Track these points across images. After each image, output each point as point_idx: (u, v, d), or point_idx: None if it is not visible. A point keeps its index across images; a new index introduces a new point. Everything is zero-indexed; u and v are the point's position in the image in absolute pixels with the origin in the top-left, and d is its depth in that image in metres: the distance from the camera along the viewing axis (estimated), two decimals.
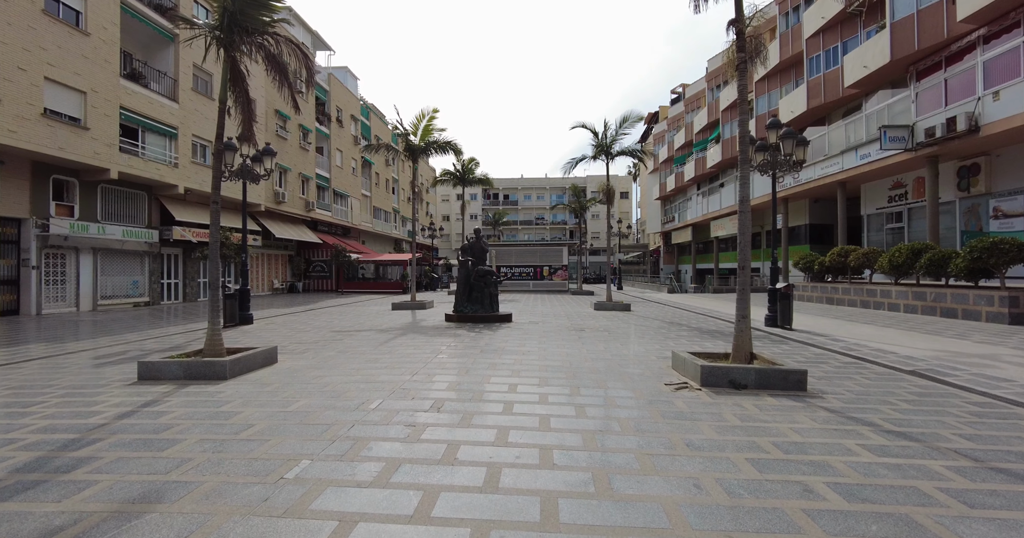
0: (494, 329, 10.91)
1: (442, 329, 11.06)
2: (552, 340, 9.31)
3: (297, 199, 29.02)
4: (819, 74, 22.33)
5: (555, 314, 14.92)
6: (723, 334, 10.54)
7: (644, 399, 5.15)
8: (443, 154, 17.50)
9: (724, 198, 35.09)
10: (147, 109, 18.20)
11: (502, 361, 7.12)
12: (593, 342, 9.09)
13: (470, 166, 26.41)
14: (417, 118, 16.87)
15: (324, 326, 12.04)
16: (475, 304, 12.36)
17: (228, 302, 12.46)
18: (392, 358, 7.41)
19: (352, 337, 9.86)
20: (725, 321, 13.03)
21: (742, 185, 6.30)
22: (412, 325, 11.89)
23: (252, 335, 10.47)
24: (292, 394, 5.32)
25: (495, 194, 73.47)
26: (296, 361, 7.29)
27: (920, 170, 19.04)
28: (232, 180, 13.29)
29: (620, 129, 16.47)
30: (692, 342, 9.29)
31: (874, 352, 8.10)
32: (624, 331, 10.80)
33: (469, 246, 12.68)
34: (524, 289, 30.94)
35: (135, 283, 19.10)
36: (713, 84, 35.44)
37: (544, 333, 10.36)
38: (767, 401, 5.13)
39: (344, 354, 7.83)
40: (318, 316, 14.80)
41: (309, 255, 31.82)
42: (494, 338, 9.55)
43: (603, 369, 6.64)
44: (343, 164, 35.74)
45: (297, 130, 29.35)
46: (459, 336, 9.83)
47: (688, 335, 10.29)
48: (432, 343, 8.87)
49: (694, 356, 6.34)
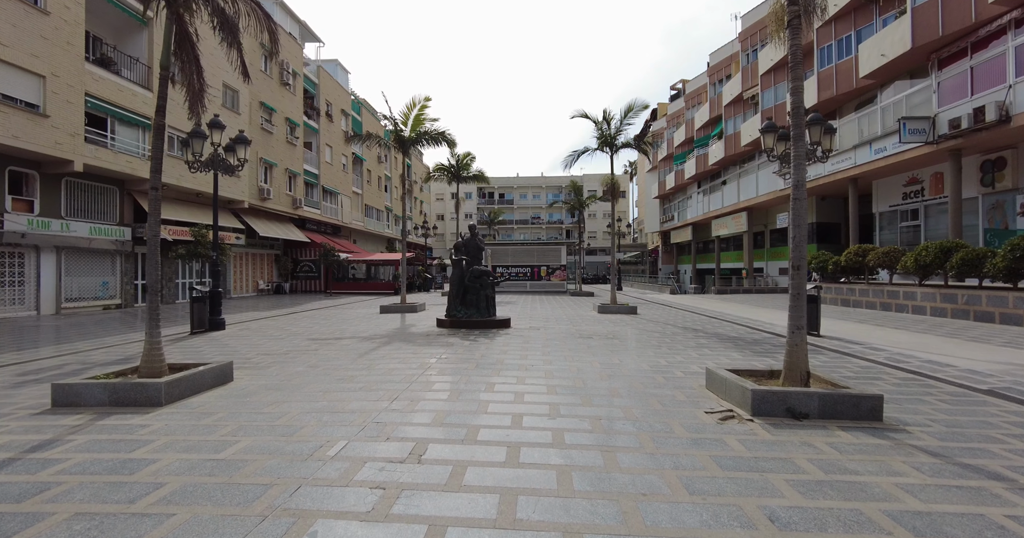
0: (491, 336, 9.75)
1: (433, 336, 9.89)
2: (558, 350, 8.16)
3: (283, 196, 27.75)
4: (830, 65, 21.32)
5: (556, 318, 13.78)
6: (748, 343, 9.43)
7: (686, 437, 4.01)
8: (436, 146, 16.31)
9: (727, 196, 34.10)
10: (117, 97, 16.92)
11: (501, 380, 5.96)
12: (605, 352, 7.95)
13: (465, 161, 25.23)
14: (407, 107, 15.68)
15: (302, 333, 10.84)
16: (470, 308, 11.21)
17: (197, 306, 11.25)
18: (370, 375, 6.24)
19: (329, 347, 8.68)
20: (744, 326, 11.94)
21: (796, 166, 5.17)
22: (399, 332, 10.71)
23: (218, 344, 9.26)
24: (233, 431, 4.14)
25: (491, 193, 72.30)
26: (255, 379, 6.11)
27: (940, 165, 18.06)
28: (203, 171, 12.10)
29: (624, 119, 15.35)
30: (718, 352, 8.17)
31: (928, 365, 7.01)
32: (636, 338, 9.67)
33: (463, 243, 11.52)
34: (521, 290, 29.79)
35: (104, 284, 17.80)
36: (715, 79, 34.43)
37: (547, 341, 9.22)
38: (842, 438, 4.01)
39: (315, 370, 6.65)
40: (298, 321, 13.60)
41: (297, 254, 30.54)
42: (491, 348, 8.40)
43: (624, 390, 5.50)
44: (333, 160, 34.47)
45: (284, 124, 28.08)
46: (451, 345, 8.67)
47: (709, 343, 9.17)
48: (420, 355, 7.70)
49: (736, 375, 5.22)
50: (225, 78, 22.70)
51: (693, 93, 39.27)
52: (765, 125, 11.23)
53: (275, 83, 27.24)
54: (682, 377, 6.23)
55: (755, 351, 8.32)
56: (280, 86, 27.75)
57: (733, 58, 31.77)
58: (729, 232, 34.65)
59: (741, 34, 29.76)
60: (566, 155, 16.30)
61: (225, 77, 22.70)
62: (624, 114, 15.30)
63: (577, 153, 16.29)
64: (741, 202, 31.76)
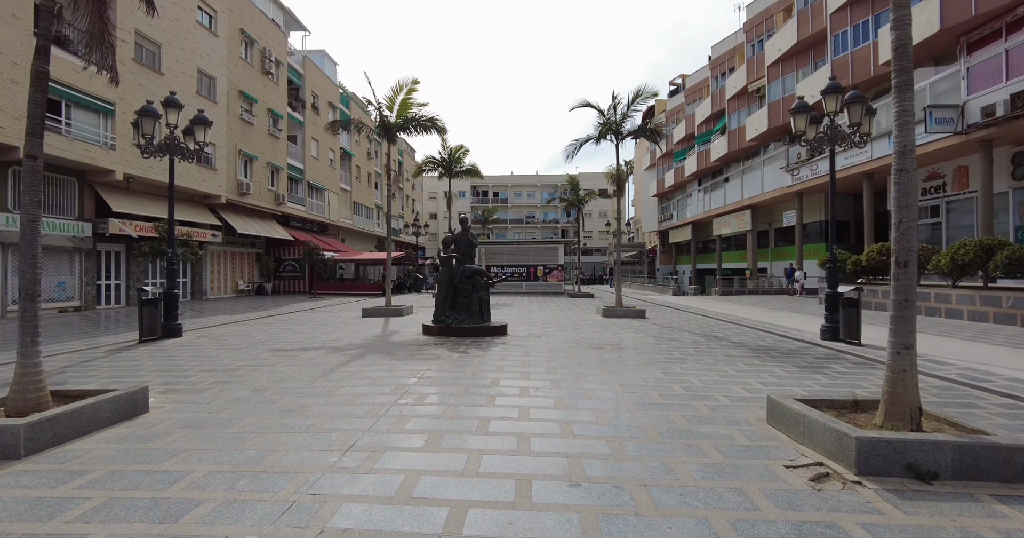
0: (484, 347, 8.34)
1: (416, 347, 8.47)
2: (565, 366, 6.77)
3: (265, 191, 26.19)
4: (846, 52, 20.10)
5: (558, 323, 12.40)
6: (783, 353, 8.09)
7: (779, 519, 2.63)
8: (425, 133, 14.90)
9: (729, 194, 32.90)
10: (74, 79, 15.36)
11: (498, 414, 4.56)
12: (624, 370, 6.57)
13: (458, 155, 23.79)
14: (393, 90, 14.26)
15: (267, 341, 9.40)
16: (460, 312, 9.79)
17: (147, 310, 9.77)
18: (327, 406, 4.82)
19: (290, 361, 7.24)
20: (770, 333, 10.61)
21: (900, 126, 3.78)
22: (378, 340, 9.27)
23: (162, 356, 7.81)
24: (96, 508, 2.72)
25: (484, 191, 70.86)
26: (176, 410, 4.68)
27: (966, 157, 16.87)
28: (158, 157, 10.63)
29: (632, 105, 14.00)
30: (755, 368, 6.82)
31: (1018, 385, 5.69)
32: (654, 349, 8.30)
33: (453, 239, 10.11)
34: (517, 291, 28.40)
35: (61, 285, 16.23)
36: (717, 72, 33.22)
37: (551, 353, 7.83)
38: (1013, 519, 2.65)
39: (260, 395, 5.23)
40: (269, 326, 12.14)
41: (279, 253, 28.98)
42: (485, 363, 6.99)
43: (664, 429, 4.12)
44: (319, 155, 32.92)
45: (266, 115, 26.53)
46: (437, 359, 7.25)
47: (740, 355, 7.82)
48: (396, 373, 6.28)
49: (816, 410, 3.85)
50: (201, 63, 21.17)
51: (693, 88, 38.06)
52: (796, 105, 9.93)
53: (256, 71, 25.70)
54: (729, 405, 4.87)
55: (799, 365, 6.98)
56: (262, 75, 26.21)
57: (737, 50, 30.56)
58: (731, 231, 33.44)
59: (746, 24, 28.55)
60: (567, 145, 14.94)
61: (201, 62, 21.17)
62: (632, 100, 13.95)
63: (580, 142, 14.91)
64: (744, 200, 30.56)
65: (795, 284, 24.63)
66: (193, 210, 21.72)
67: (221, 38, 22.67)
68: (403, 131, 14.77)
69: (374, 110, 14.58)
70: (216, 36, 22.28)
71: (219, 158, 22.37)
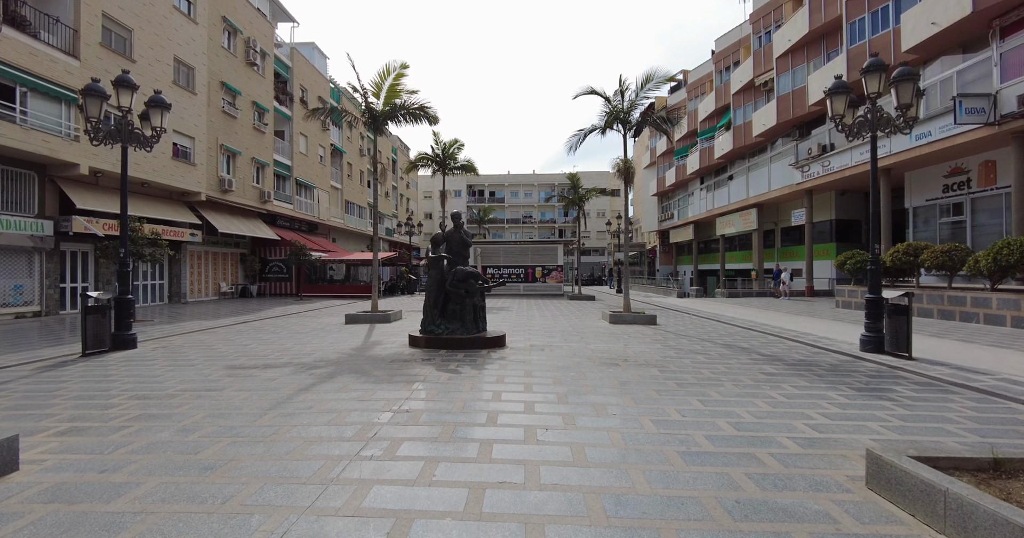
0: (479, 365, 7.11)
1: (399, 364, 7.24)
2: (578, 393, 5.56)
3: (249, 188, 24.88)
4: (863, 41, 18.98)
5: (562, 331, 11.19)
6: (828, 370, 6.91)
7: None
8: (414, 123, 13.65)
9: (733, 192, 31.80)
10: (31, 64, 14.06)
11: (496, 477, 3.33)
12: (651, 397, 5.37)
13: (452, 150, 22.54)
14: (380, 75, 13.01)
15: (228, 355, 8.15)
16: (452, 321, 8.56)
17: (92, 319, 8.50)
18: (264, 458, 3.60)
19: (244, 382, 6.00)
20: (800, 343, 9.43)
21: None
22: (356, 355, 8.03)
23: (94, 376, 6.56)
24: None
25: (481, 190, 69.65)
26: (58, 468, 3.44)
27: (994, 151, 15.78)
28: (108, 144, 9.36)
29: (641, 92, 12.81)
30: (804, 391, 5.64)
31: None
32: (679, 366, 7.10)
33: (443, 237, 8.88)
34: (514, 293, 27.20)
35: (18, 288, 14.91)
36: (722, 66, 32.11)
37: (559, 372, 6.63)
38: None
39: (185, 438, 4.00)
40: (240, 334, 10.88)
41: (265, 254, 27.67)
42: (479, 387, 5.78)
43: (730, 501, 2.91)
44: (308, 151, 31.62)
45: (250, 108, 25.22)
46: (421, 381, 6.02)
47: (780, 373, 6.63)
48: (367, 404, 5.05)
49: (948, 476, 2.65)
50: (178, 51, 19.86)
51: (696, 83, 36.95)
52: (833, 86, 8.76)
53: (239, 62, 24.39)
54: (802, 454, 3.67)
55: (854, 388, 5.79)
56: (246, 66, 24.91)
57: (742, 42, 29.45)
58: (736, 231, 32.33)
59: (752, 15, 27.44)
60: (570, 136, 13.74)
61: (178, 50, 19.87)
62: (641, 85, 12.76)
63: (584, 132, 13.69)
64: (750, 198, 29.44)
65: (781, 286, 23.66)
66: (170, 208, 20.41)
67: (201, 25, 21.37)
68: (391, 120, 13.53)
69: (359, 97, 13.33)
70: (195, 23, 20.97)
71: (199, 153, 21.06)
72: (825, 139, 22.64)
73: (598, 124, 13.34)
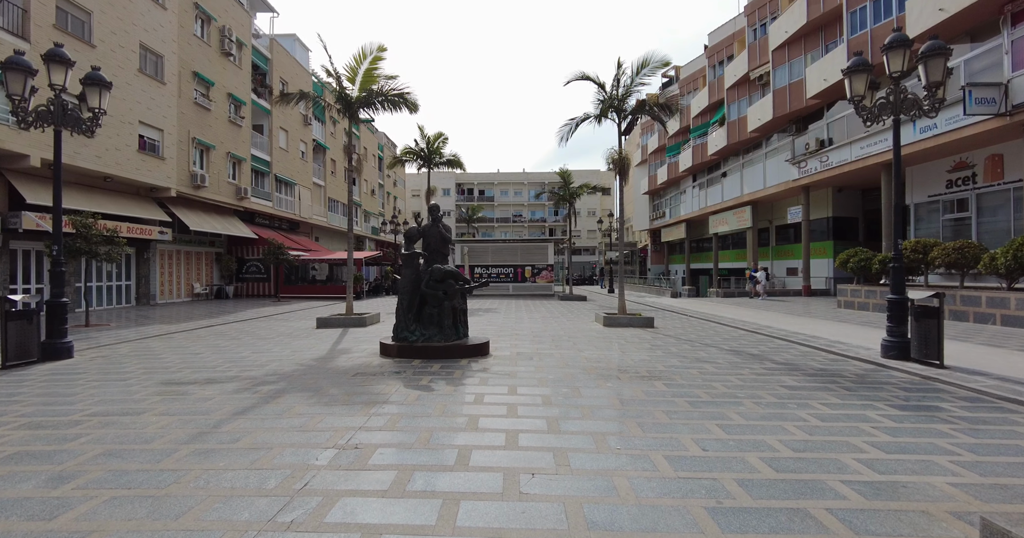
0: (456, 379, 6.14)
1: (363, 378, 6.26)
2: (573, 417, 4.62)
3: (224, 184, 23.68)
4: (864, 30, 18.29)
5: (552, 335, 10.25)
6: (853, 381, 6.05)
7: None
8: (393, 110, 12.66)
9: (727, 189, 31.11)
10: None
11: None
12: (661, 422, 4.45)
13: (437, 144, 21.53)
14: (355, 59, 12.00)
15: (171, 366, 7.12)
16: (428, 327, 7.58)
17: (14, 326, 7.42)
18: (144, 523, 2.62)
19: (171, 405, 5.00)
20: (812, 348, 8.59)
21: None
22: (316, 367, 7.02)
23: (2, 395, 5.51)
24: None
25: (470, 189, 68.62)
26: None
27: (1004, 144, 15.11)
28: (40, 127, 8.28)
29: (637, 78, 11.92)
30: (837, 410, 4.76)
31: None
32: (687, 379, 6.19)
33: (420, 232, 7.91)
34: (503, 293, 26.25)
35: None
36: (715, 60, 31.39)
37: (549, 388, 5.69)
38: None
39: (53, 491, 3.01)
40: (197, 341, 9.82)
41: (243, 253, 26.44)
42: (451, 411, 4.82)
43: None
44: (289, 147, 30.42)
45: (226, 100, 24.02)
46: (384, 403, 5.05)
47: (803, 387, 5.76)
48: (309, 437, 4.06)
49: None
50: (144, 38, 18.65)
51: (688, 78, 36.22)
52: (853, 62, 7.91)
53: (213, 52, 23.17)
54: (869, 511, 2.76)
55: (894, 405, 4.93)
56: (221, 56, 23.69)
57: (737, 36, 28.73)
58: (729, 229, 31.66)
59: (747, 7, 26.72)
60: (561, 125, 12.81)
61: (144, 37, 18.66)
62: (637, 71, 11.87)
63: (576, 121, 12.77)
64: (744, 195, 28.75)
65: (756, 286, 23.04)
66: (137, 204, 19.19)
67: (170, 11, 20.15)
68: (368, 107, 12.53)
69: (333, 82, 12.30)
70: (164, 8, 19.74)
71: (168, 146, 19.86)
72: (823, 134, 21.95)
73: (591, 113, 12.42)
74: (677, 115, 32.64)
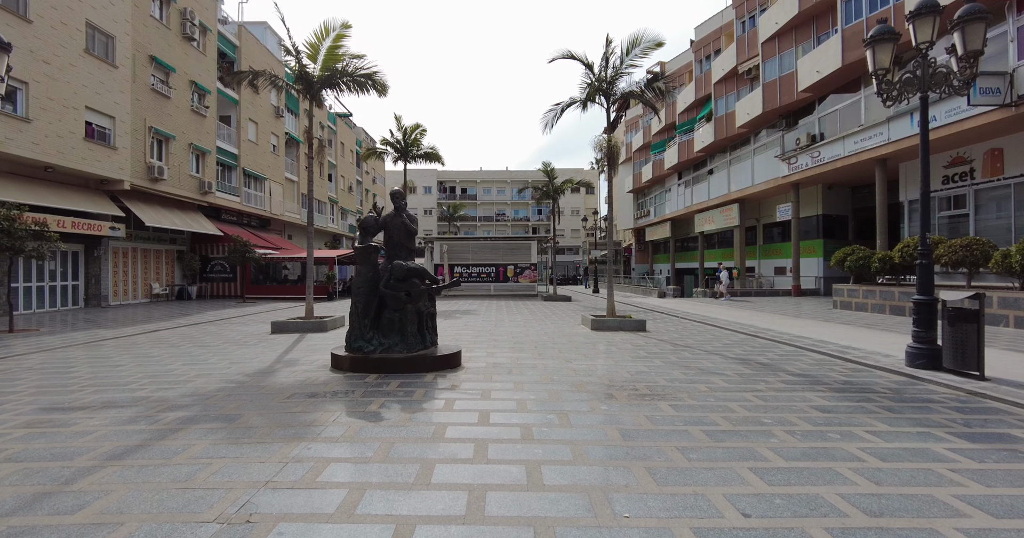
0: (414, 402, 4.98)
1: (299, 400, 5.08)
2: (562, 459, 3.55)
3: (186, 177, 22.12)
4: (860, 19, 17.57)
5: (534, 342, 9.17)
6: (892, 399, 5.10)
7: None
8: (360, 92, 11.43)
9: (714, 187, 30.41)
10: None
11: None
12: (681, 468, 3.40)
13: (414, 135, 20.29)
14: (317, 35, 10.77)
15: (74, 384, 5.85)
16: (389, 334, 6.41)
17: None
18: None
19: (33, 442, 3.79)
20: (824, 354, 7.65)
21: None
22: (249, 384, 5.81)
23: None
24: None
25: (452, 187, 67.26)
26: None
27: (1004, 137, 14.48)
28: None
29: (627, 58, 10.90)
30: (888, 441, 3.77)
31: None
32: (697, 398, 5.15)
33: (380, 222, 6.74)
34: (484, 294, 25.11)
35: None
36: (702, 55, 30.67)
37: (530, 415, 4.60)
38: None
39: None
40: (128, 350, 8.50)
41: (207, 251, 24.85)
42: (399, 453, 3.68)
43: None
44: (259, 139, 28.85)
45: (188, 88, 22.44)
46: (313, 442, 3.88)
47: (837, 409, 4.77)
48: (192, 498, 2.90)
49: None
50: (92, 16, 17.09)
51: (674, 74, 35.40)
52: (877, 30, 6.95)
53: (174, 36, 21.60)
54: None
55: (960, 433, 3.96)
56: (182, 41, 22.11)
57: (724, 29, 28.02)
58: (716, 227, 30.98)
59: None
60: (546, 111, 11.73)
61: (92, 15, 17.09)
62: (626, 51, 10.84)
63: (562, 106, 11.70)
64: (732, 193, 28.05)
65: (719, 286, 22.42)
66: (85, 197, 17.61)
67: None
68: (331, 87, 11.29)
69: (292, 60, 11.05)
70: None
71: (120, 135, 18.30)
72: (815, 128, 21.28)
73: (578, 97, 11.37)
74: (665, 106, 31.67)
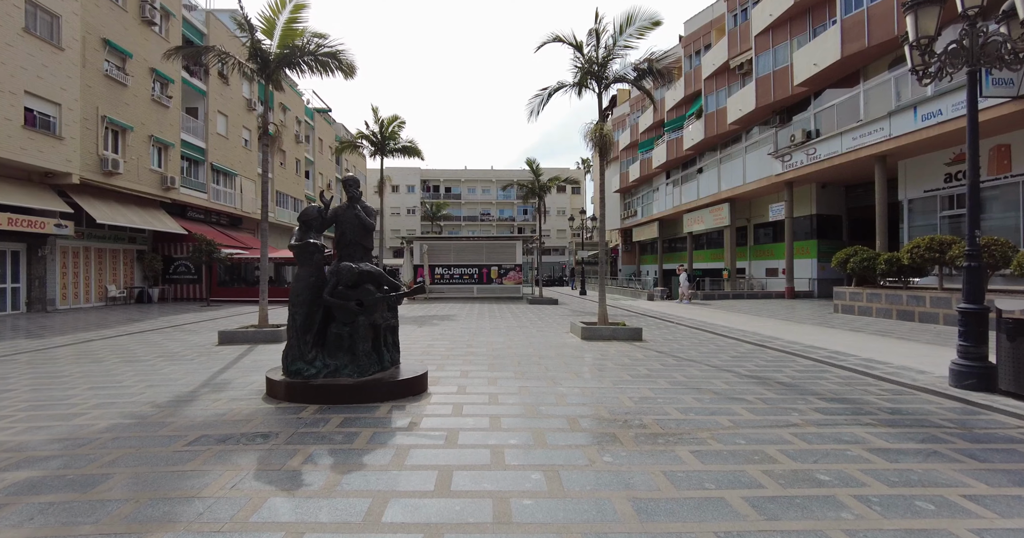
0: (354, 454, 3.76)
1: (199, 452, 3.86)
2: None
3: (145, 172, 20.56)
4: (860, 9, 16.77)
5: (518, 355, 8.03)
6: (965, 438, 4.08)
7: None
8: (324, 73, 10.20)
9: (703, 186, 29.60)
10: None
11: None
12: None
13: (392, 128, 19.03)
14: (271, 8, 9.51)
15: None
16: (336, 354, 5.18)
17: None
18: None
19: None
20: (851, 370, 6.65)
21: None
22: (149, 422, 4.55)
23: None
24: None
25: (435, 186, 65.87)
26: None
27: (1009, 133, 13.76)
28: None
29: (621, 38, 9.84)
30: (1006, 514, 2.68)
31: None
32: (721, 438, 4.07)
33: (321, 214, 5.52)
34: (466, 296, 23.91)
35: None
36: (692, 50, 29.85)
37: (511, 470, 3.46)
38: None
39: None
40: (43, 364, 7.17)
41: (171, 251, 23.29)
42: None
43: None
44: (229, 133, 27.30)
45: (147, 75, 20.88)
46: (193, 532, 2.70)
47: (903, 451, 3.72)
48: None
49: None
50: None
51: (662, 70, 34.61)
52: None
53: (131, 19, 20.05)
54: None
55: None
56: (141, 24, 20.57)
57: (715, 23, 27.20)
58: (705, 227, 30.18)
59: None
60: (532, 96, 10.61)
61: None
62: (620, 30, 9.78)
63: (549, 91, 10.57)
64: (722, 192, 27.23)
65: (681, 289, 21.71)
66: (26, 191, 16.04)
67: None
68: (290, 67, 10.04)
69: (245, 35, 9.78)
70: None
71: (68, 124, 16.76)
72: (810, 125, 20.50)
73: (567, 81, 10.27)
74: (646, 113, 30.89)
